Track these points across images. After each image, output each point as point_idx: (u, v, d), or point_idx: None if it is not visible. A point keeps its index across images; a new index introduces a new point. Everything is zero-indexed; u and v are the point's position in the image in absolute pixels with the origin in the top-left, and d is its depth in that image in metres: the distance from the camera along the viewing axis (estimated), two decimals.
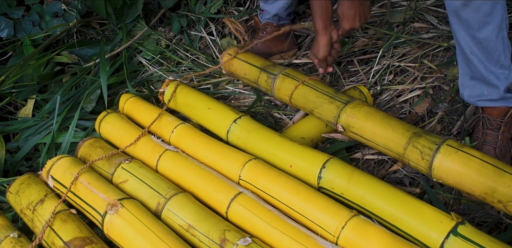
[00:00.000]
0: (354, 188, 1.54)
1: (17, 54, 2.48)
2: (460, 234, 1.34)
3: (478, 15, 1.54)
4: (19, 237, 1.66)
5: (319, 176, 1.61)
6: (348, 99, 1.78)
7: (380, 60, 2.22)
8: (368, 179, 1.54)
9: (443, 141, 1.54)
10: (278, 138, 1.78)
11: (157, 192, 1.69)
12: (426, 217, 1.40)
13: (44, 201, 1.74)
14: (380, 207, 1.48)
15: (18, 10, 2.55)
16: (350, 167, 1.60)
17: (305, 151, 1.69)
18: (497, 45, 1.59)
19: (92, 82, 2.35)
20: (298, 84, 1.92)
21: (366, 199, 1.51)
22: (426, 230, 1.38)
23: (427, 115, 2.00)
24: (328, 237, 1.45)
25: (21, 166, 2.19)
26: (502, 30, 1.59)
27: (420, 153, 1.55)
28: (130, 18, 2.56)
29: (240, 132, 1.86)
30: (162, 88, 2.14)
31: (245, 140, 1.83)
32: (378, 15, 2.43)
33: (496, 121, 1.71)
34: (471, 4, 1.53)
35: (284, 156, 1.72)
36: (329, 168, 1.61)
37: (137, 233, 1.54)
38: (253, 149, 1.80)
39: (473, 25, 1.57)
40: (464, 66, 1.71)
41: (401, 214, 1.44)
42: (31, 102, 2.40)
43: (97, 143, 1.99)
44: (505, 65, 1.64)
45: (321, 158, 1.64)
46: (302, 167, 1.67)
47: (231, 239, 1.46)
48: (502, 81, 1.64)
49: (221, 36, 2.60)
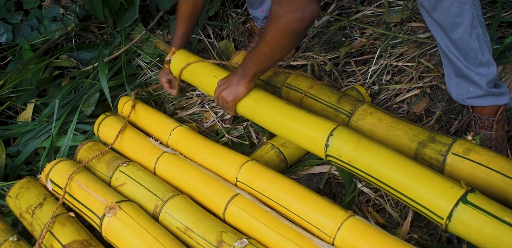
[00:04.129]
0: (362, 156, 1.51)
1: (16, 59, 2.49)
2: (470, 202, 1.31)
3: (447, 17, 1.53)
4: (19, 241, 1.67)
5: (326, 144, 1.58)
6: (351, 109, 1.79)
7: (378, 60, 2.22)
8: (376, 147, 1.51)
9: (447, 149, 1.54)
10: (285, 106, 1.74)
11: (154, 195, 1.70)
12: (435, 184, 1.36)
13: (43, 205, 1.75)
14: (388, 174, 1.45)
15: (17, 15, 2.57)
16: (358, 135, 1.56)
17: (313, 119, 1.66)
18: (472, 44, 1.58)
19: (91, 86, 2.36)
20: (302, 97, 1.93)
21: (373, 167, 1.48)
22: (435, 197, 1.35)
23: (425, 115, 2.00)
24: (324, 238, 1.45)
25: (21, 170, 2.20)
26: (476, 28, 1.57)
27: (430, 165, 1.56)
28: (128, 22, 2.57)
29: (247, 100, 1.82)
30: (168, 56, 2.13)
31: (252, 108, 1.80)
32: (375, 15, 2.43)
33: (488, 120, 1.70)
34: (439, 7, 1.52)
35: (291, 124, 1.68)
36: (336, 135, 1.57)
37: (135, 235, 1.55)
38: (259, 117, 1.79)
39: (445, 27, 1.56)
40: (447, 64, 1.71)
41: (410, 181, 1.40)
42: (30, 107, 2.41)
43: (95, 146, 2.00)
44: (484, 62, 1.62)
45: (328, 126, 1.60)
46: (309, 136, 1.63)
47: (228, 240, 1.47)
48: (482, 77, 1.63)
49: (219, 39, 2.61)
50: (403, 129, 1.66)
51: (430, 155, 1.57)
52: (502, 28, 2.17)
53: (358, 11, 2.46)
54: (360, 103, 1.81)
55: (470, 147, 1.53)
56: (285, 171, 1.89)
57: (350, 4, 2.53)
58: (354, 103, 1.82)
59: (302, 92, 1.94)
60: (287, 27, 1.52)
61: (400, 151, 1.61)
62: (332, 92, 1.90)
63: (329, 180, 1.86)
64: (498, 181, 1.44)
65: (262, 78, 2.08)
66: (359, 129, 1.74)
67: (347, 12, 2.50)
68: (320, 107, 1.88)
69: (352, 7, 2.50)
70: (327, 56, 2.31)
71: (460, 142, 1.55)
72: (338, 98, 1.86)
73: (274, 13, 1.53)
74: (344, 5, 2.54)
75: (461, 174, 1.51)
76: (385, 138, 1.68)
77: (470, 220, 1.31)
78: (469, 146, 1.53)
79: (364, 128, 1.74)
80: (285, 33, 1.54)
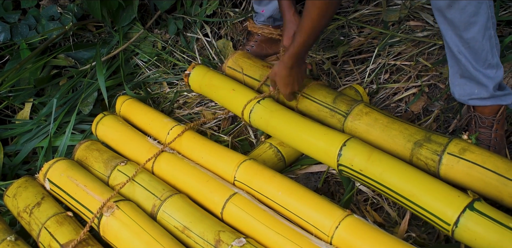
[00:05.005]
0: (373, 166, 1.56)
1: (14, 58, 2.49)
2: (477, 209, 1.35)
3: (463, 16, 1.53)
4: (16, 241, 1.67)
5: (339, 153, 1.62)
6: (347, 109, 1.79)
7: (376, 59, 2.22)
8: (387, 158, 1.56)
9: (443, 149, 1.54)
10: (300, 119, 1.79)
11: (152, 194, 1.70)
12: (443, 193, 1.42)
13: (41, 204, 1.75)
14: (398, 184, 1.50)
15: (15, 14, 2.56)
16: (370, 147, 1.61)
17: (327, 131, 1.71)
18: (484, 45, 1.59)
19: (89, 85, 2.35)
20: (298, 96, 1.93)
21: (384, 176, 1.53)
22: (442, 205, 1.39)
23: (423, 114, 2.00)
24: (322, 237, 1.45)
25: (19, 169, 2.20)
26: (489, 29, 1.58)
27: (425, 165, 1.57)
28: (126, 21, 2.56)
29: (263, 112, 1.87)
30: (188, 70, 2.19)
31: (267, 120, 1.85)
32: (373, 14, 2.43)
33: (488, 120, 1.71)
34: (456, 5, 1.52)
35: (305, 136, 1.73)
36: (349, 146, 1.62)
37: (133, 234, 1.55)
38: (275, 129, 1.83)
39: (459, 25, 1.56)
40: (453, 64, 1.71)
41: (418, 190, 1.45)
42: (28, 106, 2.41)
43: (93, 145, 2.00)
44: (493, 64, 1.63)
45: (341, 137, 1.65)
46: (322, 147, 1.68)
47: (226, 240, 1.47)
48: (490, 80, 1.64)
49: (217, 38, 2.60)
50: (399, 128, 1.67)
51: (426, 155, 1.57)
52: (500, 26, 2.17)
53: (356, 10, 2.46)
54: (355, 103, 1.80)
55: (465, 146, 1.53)
56: (283, 170, 1.89)
57: (348, 3, 2.53)
58: (350, 103, 1.82)
59: (298, 92, 1.93)
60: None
61: (396, 151, 1.64)
62: (328, 92, 1.90)
63: (327, 179, 1.86)
64: (493, 181, 1.45)
65: (258, 78, 2.08)
66: (355, 129, 1.75)
67: (345, 11, 2.50)
68: (316, 107, 1.88)
69: (350, 6, 2.50)
70: (325, 55, 2.31)
71: (456, 142, 1.55)
72: (334, 98, 1.85)
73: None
74: (342, 4, 2.54)
75: (456, 174, 1.52)
76: (381, 138, 1.68)
77: (476, 227, 1.33)
78: (464, 146, 1.54)
79: (360, 128, 1.74)
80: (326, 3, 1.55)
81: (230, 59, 2.21)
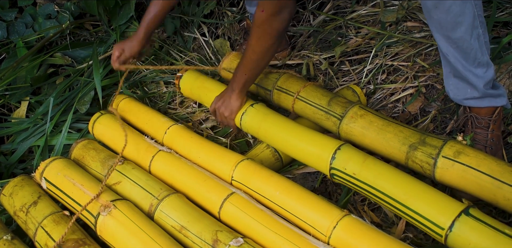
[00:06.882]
0: (366, 171, 1.55)
1: (10, 56, 2.48)
2: (471, 214, 1.35)
3: (449, 16, 1.53)
4: (13, 240, 1.66)
5: (333, 157, 1.62)
6: (342, 111, 1.79)
7: (373, 59, 2.22)
8: (380, 164, 1.56)
9: (438, 152, 1.54)
10: (291, 124, 1.78)
11: (149, 193, 1.69)
12: (438, 199, 1.41)
13: (37, 203, 1.74)
14: (391, 189, 1.49)
15: (11, 12, 2.55)
16: (364, 154, 1.61)
17: (319, 137, 1.70)
18: (473, 44, 1.58)
19: (86, 84, 2.35)
20: (293, 100, 1.93)
21: (377, 181, 1.52)
22: (436, 211, 1.39)
23: (420, 114, 2.01)
24: (320, 237, 1.45)
25: (15, 168, 2.20)
26: (477, 28, 1.58)
27: (421, 168, 1.57)
28: (123, 19, 2.56)
29: (255, 115, 1.86)
30: (180, 73, 2.19)
31: (258, 125, 1.84)
32: (370, 15, 2.43)
33: (485, 120, 1.71)
34: (441, 6, 1.52)
35: (297, 142, 1.73)
36: (343, 150, 1.62)
37: (130, 234, 1.55)
38: (266, 134, 1.82)
39: (446, 26, 1.56)
40: (445, 64, 1.71)
41: (412, 196, 1.44)
42: (24, 104, 2.40)
43: (90, 144, 1.99)
44: (483, 62, 1.62)
45: (335, 143, 1.65)
46: (314, 152, 1.67)
47: (223, 240, 1.47)
48: (480, 78, 1.64)
49: (214, 37, 2.60)
50: (394, 131, 1.65)
51: (421, 158, 1.56)
52: (497, 28, 2.17)
53: (354, 10, 2.46)
54: (350, 105, 1.79)
55: (460, 149, 1.52)
56: (281, 169, 1.89)
57: (345, 4, 2.53)
58: (345, 105, 1.80)
59: (293, 95, 1.92)
60: (269, 29, 1.65)
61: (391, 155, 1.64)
62: (323, 94, 1.88)
63: (324, 179, 1.86)
64: (488, 184, 1.44)
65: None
66: (350, 132, 1.74)
67: (343, 11, 2.50)
68: (311, 110, 1.87)
69: (347, 7, 2.50)
70: (323, 55, 2.31)
71: (451, 144, 1.54)
72: (328, 101, 1.84)
73: (257, 18, 1.65)
74: (339, 4, 2.54)
75: (451, 177, 1.51)
76: (376, 140, 1.68)
77: (470, 232, 1.33)
78: (459, 148, 1.52)
79: (355, 131, 1.73)
80: (268, 36, 1.67)
81: (225, 60, 2.20)
